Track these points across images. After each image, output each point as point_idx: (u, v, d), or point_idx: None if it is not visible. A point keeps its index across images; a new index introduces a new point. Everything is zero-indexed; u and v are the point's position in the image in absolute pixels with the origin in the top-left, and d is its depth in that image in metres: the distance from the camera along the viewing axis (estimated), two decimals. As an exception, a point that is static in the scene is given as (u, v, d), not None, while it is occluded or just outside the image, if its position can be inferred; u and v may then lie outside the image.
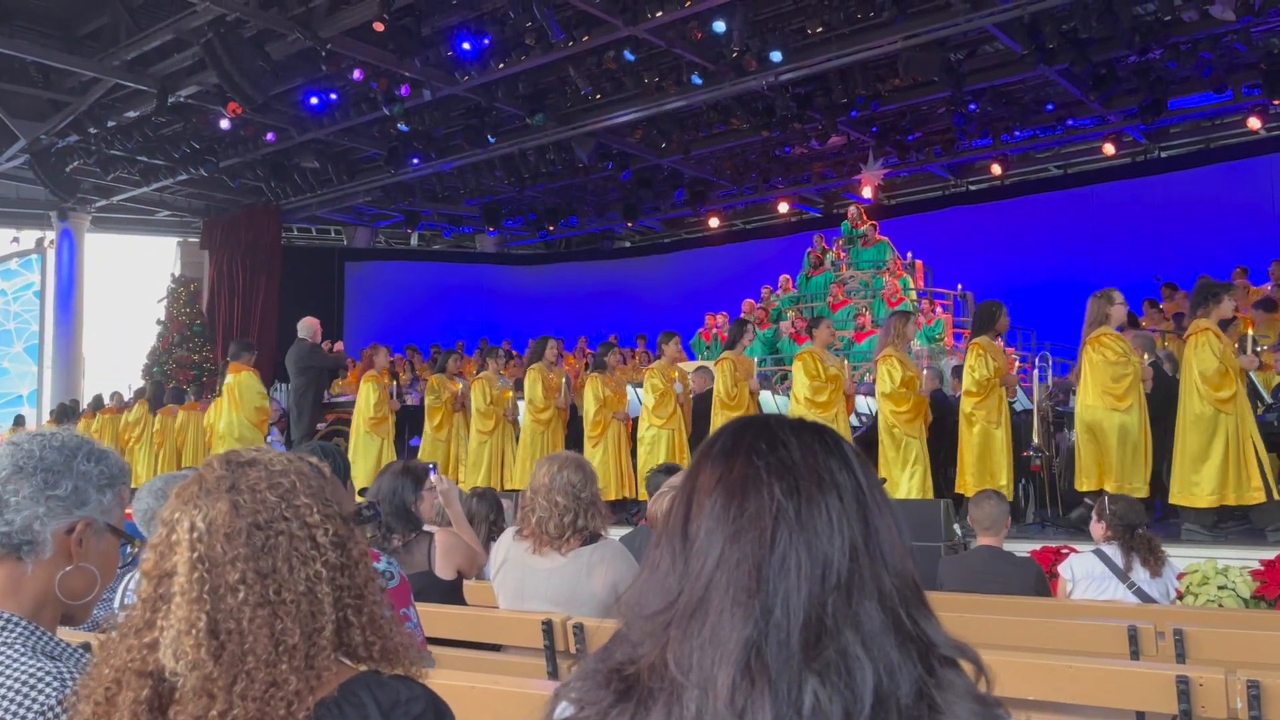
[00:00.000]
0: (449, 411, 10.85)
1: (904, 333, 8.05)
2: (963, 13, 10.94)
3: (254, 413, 9.78)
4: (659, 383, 9.45)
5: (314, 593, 1.19)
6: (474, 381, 10.77)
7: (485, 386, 10.56)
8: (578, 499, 3.36)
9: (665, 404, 9.40)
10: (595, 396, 9.72)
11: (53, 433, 1.61)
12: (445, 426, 10.86)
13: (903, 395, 7.80)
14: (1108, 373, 6.89)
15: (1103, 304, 7.07)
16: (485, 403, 10.46)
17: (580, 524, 3.35)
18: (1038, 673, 2.67)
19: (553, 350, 10.37)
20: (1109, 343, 6.98)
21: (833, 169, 17.95)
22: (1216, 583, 5.68)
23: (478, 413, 10.50)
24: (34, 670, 1.39)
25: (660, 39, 11.91)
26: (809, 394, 8.27)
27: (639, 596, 0.98)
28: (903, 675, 0.90)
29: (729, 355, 9.23)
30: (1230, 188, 15.57)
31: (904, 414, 7.80)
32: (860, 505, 0.96)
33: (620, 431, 9.77)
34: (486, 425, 10.48)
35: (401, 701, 1.19)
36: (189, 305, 19.51)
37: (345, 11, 11.43)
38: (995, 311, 7.68)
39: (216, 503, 1.20)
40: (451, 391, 10.90)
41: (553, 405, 10.05)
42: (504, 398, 10.67)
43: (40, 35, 12.78)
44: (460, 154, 15.93)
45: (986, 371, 7.41)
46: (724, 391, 9.03)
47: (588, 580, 3.32)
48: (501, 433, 10.55)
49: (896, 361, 7.84)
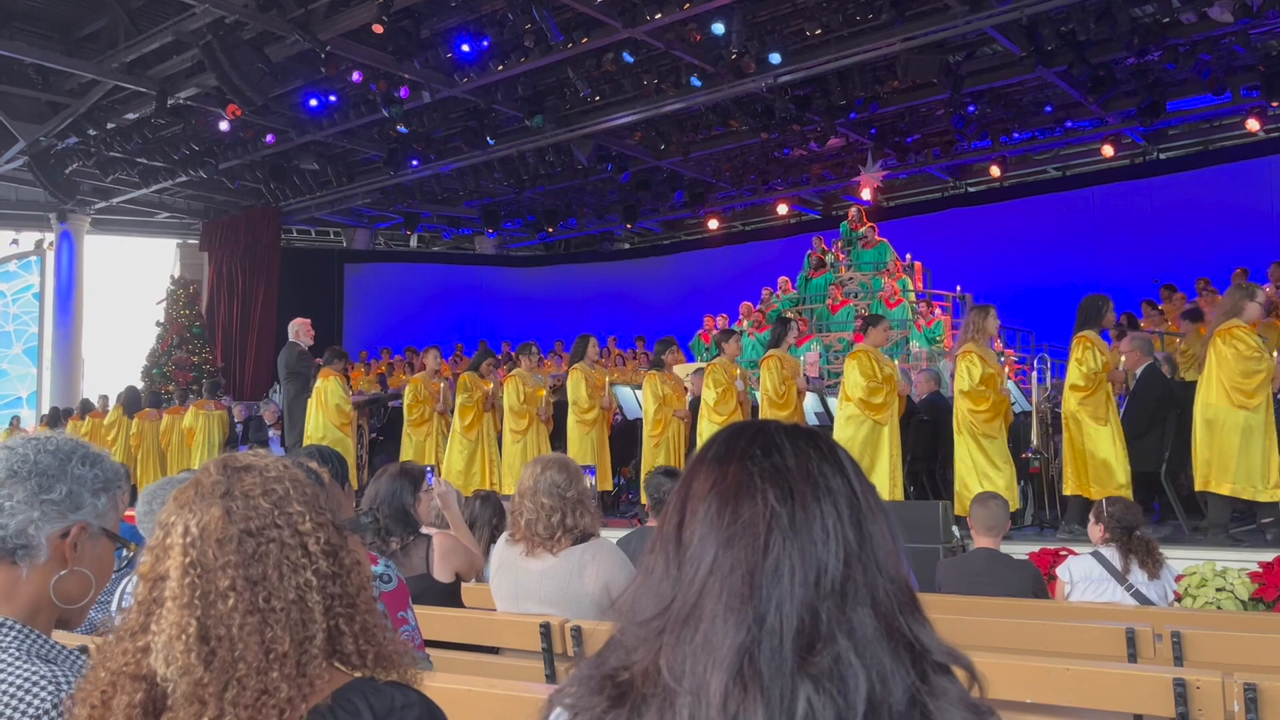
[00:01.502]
0: (480, 411, 10.56)
1: (984, 327, 7.50)
2: (961, 15, 10.95)
3: (335, 414, 10.08)
4: (721, 378, 9.09)
5: (304, 601, 1.19)
6: (506, 379, 10.54)
7: (518, 384, 10.28)
8: (563, 498, 3.37)
9: (726, 401, 8.99)
10: (654, 395, 9.45)
11: (47, 437, 1.61)
12: (476, 426, 10.57)
13: (982, 393, 7.28)
14: (1238, 368, 6.40)
15: (1241, 296, 6.62)
16: (519, 400, 10.18)
17: (569, 523, 3.35)
18: (1035, 675, 2.67)
19: (595, 349, 10.14)
20: (1242, 335, 6.46)
21: (832, 171, 17.96)
22: (1215, 585, 5.69)
23: (510, 411, 10.23)
24: (29, 674, 1.39)
25: (659, 41, 11.92)
26: (864, 394, 7.85)
27: (633, 602, 0.98)
28: (896, 682, 0.90)
29: (775, 354, 8.85)
30: (1229, 190, 15.58)
31: (983, 413, 7.29)
32: (854, 511, 0.96)
33: (680, 431, 9.56)
34: (520, 424, 10.20)
35: (396, 708, 1.19)
36: (188, 307, 19.49)
37: (344, 13, 11.43)
38: (1101, 306, 7.22)
39: (210, 508, 1.20)
40: (484, 391, 10.64)
41: (597, 405, 9.83)
42: (537, 396, 10.42)
43: (39, 37, 12.79)
44: (459, 156, 15.94)
45: (1095, 365, 6.94)
46: (772, 390, 8.66)
47: (579, 580, 3.32)
48: (536, 431, 10.28)
49: (977, 358, 7.33)
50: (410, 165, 16.19)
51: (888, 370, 8.02)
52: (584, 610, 3.31)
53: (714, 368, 9.30)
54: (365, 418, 10.62)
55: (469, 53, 12.26)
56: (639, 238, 23.33)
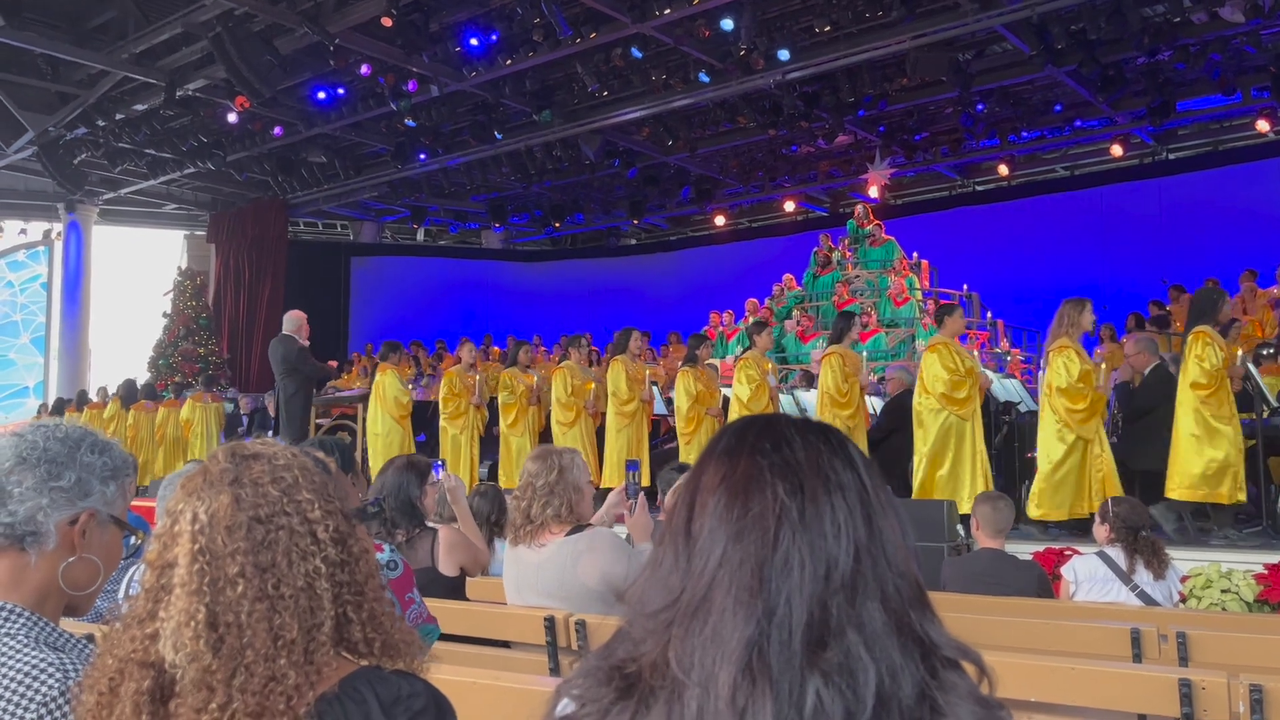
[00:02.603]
0: (524, 407, 10.35)
1: (1079, 321, 7.03)
2: (971, 13, 10.92)
3: (394, 406, 10.28)
4: (754, 373, 8.79)
5: (313, 588, 1.19)
6: (555, 371, 10.33)
7: (567, 376, 10.02)
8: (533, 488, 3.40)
9: (759, 396, 8.71)
10: (687, 392, 9.16)
11: (56, 424, 1.61)
12: (520, 422, 10.34)
13: (1079, 391, 6.81)
14: None
15: None
16: (566, 393, 9.94)
17: (550, 511, 3.36)
18: (1040, 674, 2.67)
19: (636, 342, 9.91)
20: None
21: (839, 168, 17.94)
22: (1220, 586, 5.68)
23: (558, 404, 10.00)
24: (36, 661, 1.39)
25: (668, 36, 11.90)
26: (946, 388, 7.37)
27: (641, 593, 0.98)
28: (905, 676, 0.90)
29: (836, 349, 8.46)
30: (1238, 190, 15.52)
31: (1080, 412, 6.81)
32: (864, 506, 0.96)
33: (713, 427, 9.27)
34: (567, 417, 9.95)
35: (403, 697, 1.19)
36: (195, 298, 19.55)
37: (353, 6, 11.44)
38: (1217, 299, 6.92)
39: (219, 495, 1.21)
40: (526, 385, 10.38)
41: (637, 398, 9.61)
42: (585, 389, 10.15)
43: (49, 28, 12.80)
44: (467, 150, 15.94)
45: (1215, 361, 6.60)
46: (833, 388, 8.25)
47: (573, 571, 3.32)
48: (583, 425, 10.01)
49: (1074, 352, 6.91)
50: (418, 159, 16.20)
51: (969, 362, 7.57)
52: (580, 601, 3.32)
53: (746, 362, 8.98)
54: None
55: (477, 47, 12.26)
56: (645, 233, 23.32)
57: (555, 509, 3.37)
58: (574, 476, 3.41)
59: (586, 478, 3.50)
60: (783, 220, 20.41)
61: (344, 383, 16.78)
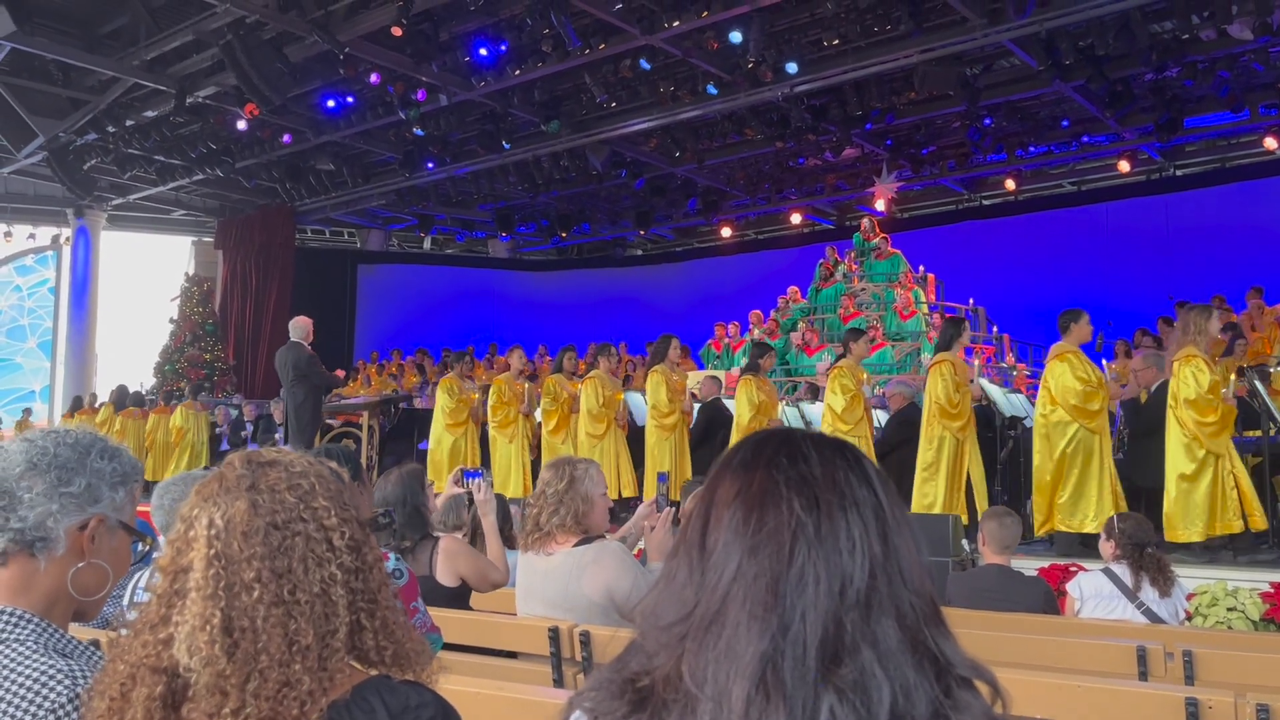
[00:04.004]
0: (565, 414, 10.01)
1: (1205, 329, 6.59)
2: (979, 28, 10.95)
3: (442, 414, 10.70)
4: (849, 384, 8.26)
5: (328, 595, 1.19)
6: (585, 381, 9.99)
7: (597, 386, 9.68)
8: (544, 495, 3.40)
9: (854, 408, 8.25)
10: (750, 402, 8.80)
11: (66, 430, 1.61)
12: (562, 430, 9.97)
13: (1209, 403, 6.34)
14: None
15: None
16: (597, 404, 9.60)
17: (556, 520, 3.35)
18: (1048, 691, 2.65)
19: (676, 350, 9.63)
20: None
21: (846, 181, 17.96)
22: (1226, 604, 5.65)
23: (588, 414, 9.65)
24: (45, 668, 1.39)
25: (677, 48, 11.94)
26: (1079, 399, 6.83)
27: (655, 607, 0.98)
28: (919, 695, 0.90)
29: (946, 357, 7.74)
30: (1245, 207, 15.51)
31: (1210, 426, 6.34)
32: (880, 522, 0.96)
33: None
34: (598, 429, 9.62)
35: (411, 707, 1.19)
36: (202, 304, 19.62)
37: (364, 16, 11.49)
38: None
39: (236, 501, 1.21)
40: (569, 393, 10.04)
41: (678, 409, 9.32)
42: (616, 399, 9.86)
43: (61, 34, 12.87)
44: (475, 159, 15.99)
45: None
46: (944, 398, 7.52)
47: (578, 581, 3.31)
48: (613, 437, 9.74)
49: (1202, 362, 6.47)
50: (426, 167, 16.24)
51: (1097, 372, 7.09)
52: (584, 612, 3.30)
53: (841, 371, 8.36)
54: (376, 418, 10.56)
55: (487, 57, 12.30)
56: (652, 244, 23.34)
57: (562, 518, 3.36)
58: (585, 487, 3.38)
59: (600, 490, 3.44)
60: (789, 232, 20.42)
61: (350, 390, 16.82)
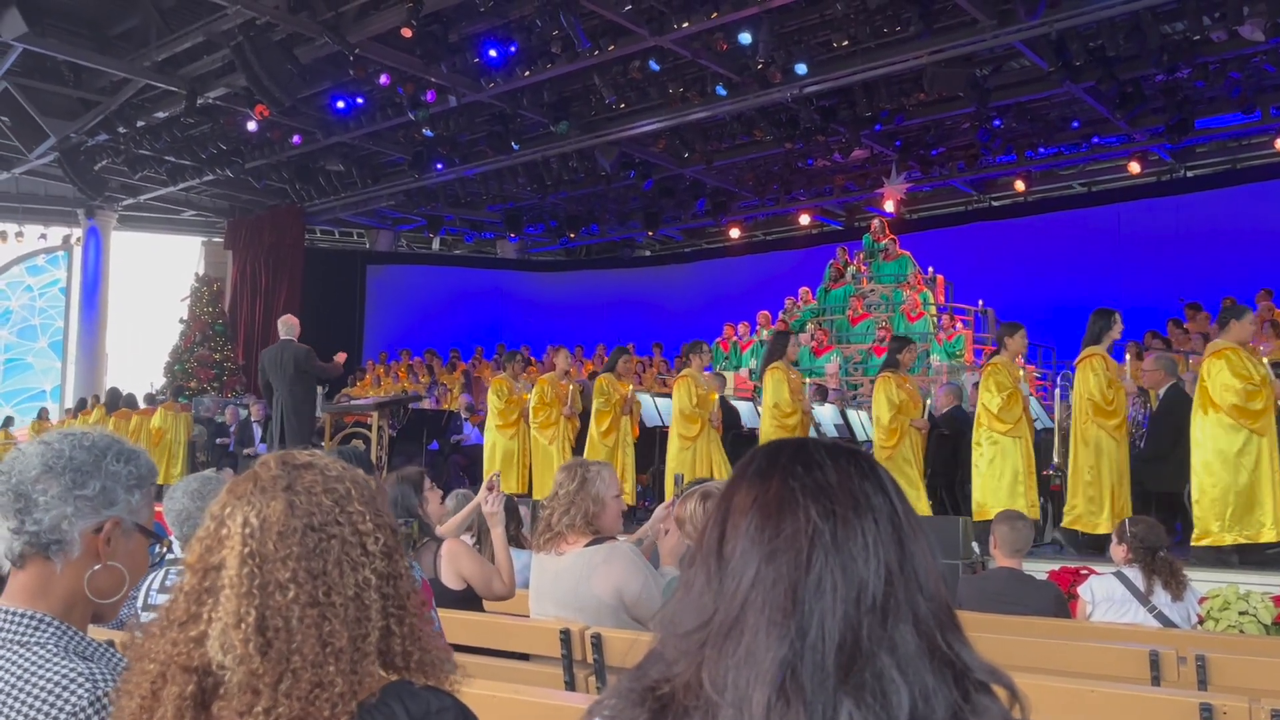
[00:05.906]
0: (617, 415, 9.65)
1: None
2: (989, 29, 10.92)
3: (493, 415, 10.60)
4: (1005, 380, 7.55)
5: (362, 599, 1.20)
6: (678, 380, 9.60)
7: (690, 385, 9.18)
8: (557, 496, 3.44)
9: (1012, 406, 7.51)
10: (889, 400, 8.42)
11: (83, 432, 1.61)
12: (613, 432, 9.61)
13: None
14: None
15: None
16: (690, 403, 9.12)
17: (566, 521, 3.38)
18: (1062, 696, 2.65)
19: (795, 348, 9.25)
20: None
21: (855, 182, 17.94)
22: (1238, 608, 5.63)
23: (681, 415, 9.16)
24: (66, 671, 1.40)
25: (686, 50, 11.94)
26: (1240, 399, 6.30)
27: (674, 614, 0.98)
28: (938, 700, 0.90)
29: (1096, 351, 7.18)
30: (1256, 209, 15.44)
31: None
32: (895, 529, 0.96)
33: (917, 441, 8.55)
34: (690, 430, 9.08)
35: (432, 711, 1.20)
36: (211, 304, 19.69)
37: (374, 17, 11.52)
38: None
39: (272, 501, 1.21)
40: (622, 394, 9.70)
41: (799, 409, 8.80)
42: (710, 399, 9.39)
43: (72, 35, 12.93)
44: (484, 160, 16.01)
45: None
46: (1097, 394, 7.02)
47: (588, 582, 3.34)
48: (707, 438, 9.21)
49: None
50: (435, 168, 16.27)
51: (1262, 370, 6.50)
52: (593, 613, 3.32)
53: (996, 368, 7.59)
54: (386, 418, 10.56)
55: (496, 58, 12.32)
56: (660, 245, 23.35)
57: (572, 519, 3.38)
58: (596, 489, 3.41)
59: (613, 492, 3.48)
60: (798, 234, 20.41)
61: (359, 391, 16.86)
